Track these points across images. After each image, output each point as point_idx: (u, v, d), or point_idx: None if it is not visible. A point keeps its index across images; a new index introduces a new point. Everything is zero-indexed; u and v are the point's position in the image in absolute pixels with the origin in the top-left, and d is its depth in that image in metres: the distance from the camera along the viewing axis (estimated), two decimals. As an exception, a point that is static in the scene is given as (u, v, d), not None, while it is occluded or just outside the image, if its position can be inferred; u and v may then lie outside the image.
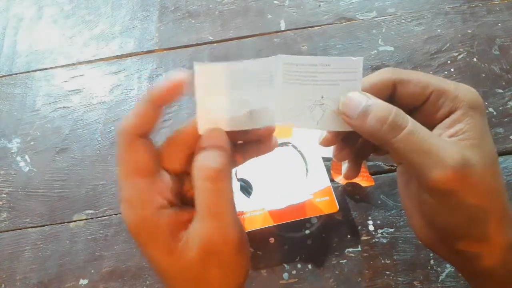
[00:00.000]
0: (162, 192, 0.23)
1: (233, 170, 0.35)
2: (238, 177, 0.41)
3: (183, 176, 0.25)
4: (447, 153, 0.22)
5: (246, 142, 0.26)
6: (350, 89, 0.24)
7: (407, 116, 0.23)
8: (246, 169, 0.41)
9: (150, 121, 0.23)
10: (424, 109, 0.25)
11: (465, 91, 0.25)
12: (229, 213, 0.22)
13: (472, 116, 0.24)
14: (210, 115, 0.24)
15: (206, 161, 0.22)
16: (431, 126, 0.25)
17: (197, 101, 0.23)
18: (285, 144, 0.43)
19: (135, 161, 0.22)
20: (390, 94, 0.26)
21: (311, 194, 0.39)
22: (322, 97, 0.25)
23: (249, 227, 0.38)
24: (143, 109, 0.22)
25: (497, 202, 0.24)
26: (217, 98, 0.24)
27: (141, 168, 0.22)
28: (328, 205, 0.39)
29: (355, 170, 0.32)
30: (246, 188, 0.40)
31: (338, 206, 0.39)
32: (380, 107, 0.23)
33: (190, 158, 0.23)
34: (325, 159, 0.41)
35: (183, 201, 0.25)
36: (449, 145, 0.23)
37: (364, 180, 0.40)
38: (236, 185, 0.40)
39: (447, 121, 0.24)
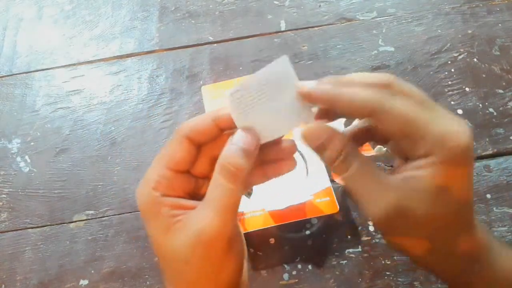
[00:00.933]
0: (178, 187, 0.25)
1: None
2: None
3: (197, 177, 0.26)
4: (380, 198, 0.22)
5: (268, 161, 0.26)
6: (288, 88, 0.24)
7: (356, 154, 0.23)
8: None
9: (206, 134, 0.25)
10: (402, 142, 0.24)
11: (452, 141, 0.21)
12: (230, 212, 0.23)
13: (433, 169, 0.22)
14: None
15: (231, 159, 0.23)
16: (407, 156, 0.24)
17: (236, 121, 0.24)
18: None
19: (173, 155, 0.25)
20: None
21: (312, 195, 0.39)
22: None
23: (250, 227, 0.38)
24: (205, 121, 0.25)
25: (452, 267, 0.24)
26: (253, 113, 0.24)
27: (174, 163, 0.25)
28: (329, 205, 0.39)
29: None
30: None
31: (338, 207, 0.39)
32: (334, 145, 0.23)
33: (212, 163, 0.25)
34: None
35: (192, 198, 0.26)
36: (387, 191, 0.23)
37: (364, 181, 0.40)
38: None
39: (419, 162, 0.22)
